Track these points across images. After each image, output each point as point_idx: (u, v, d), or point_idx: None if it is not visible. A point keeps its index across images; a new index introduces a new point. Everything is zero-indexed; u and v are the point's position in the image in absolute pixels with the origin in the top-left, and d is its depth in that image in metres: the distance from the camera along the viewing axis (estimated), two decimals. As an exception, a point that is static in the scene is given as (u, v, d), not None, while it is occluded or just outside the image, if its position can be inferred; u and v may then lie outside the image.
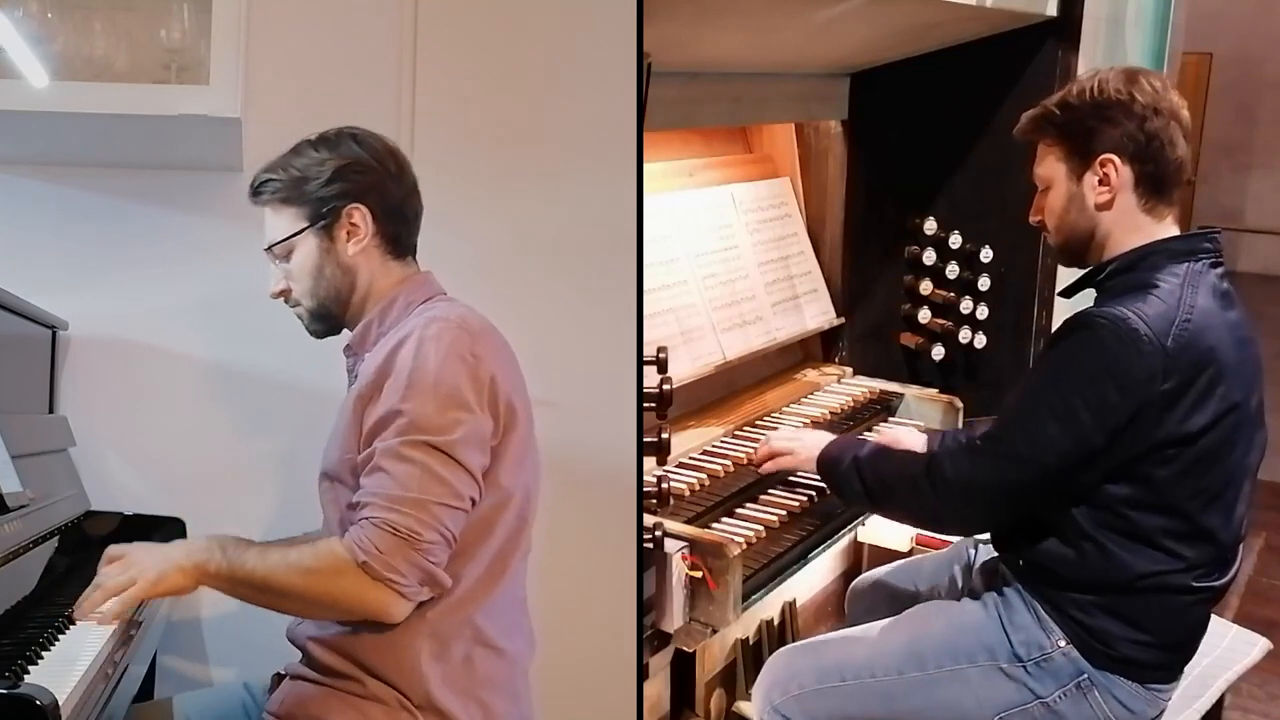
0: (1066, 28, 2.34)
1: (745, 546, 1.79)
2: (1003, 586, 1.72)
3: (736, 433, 2.21)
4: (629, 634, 1.62)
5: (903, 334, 2.61)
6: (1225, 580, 1.64)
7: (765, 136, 2.68)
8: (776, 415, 2.33)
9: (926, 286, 2.54)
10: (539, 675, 1.58)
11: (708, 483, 1.97)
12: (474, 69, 2.07)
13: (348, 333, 1.60)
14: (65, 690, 1.19)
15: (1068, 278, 1.75)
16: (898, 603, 1.94)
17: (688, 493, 1.92)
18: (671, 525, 1.68)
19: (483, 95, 2.07)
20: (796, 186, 2.65)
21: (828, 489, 1.90)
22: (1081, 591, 1.61)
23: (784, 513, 1.92)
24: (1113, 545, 1.57)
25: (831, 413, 2.37)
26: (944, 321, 2.55)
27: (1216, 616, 1.81)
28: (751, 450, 2.06)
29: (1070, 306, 1.72)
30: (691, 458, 2.05)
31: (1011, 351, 2.53)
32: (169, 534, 1.89)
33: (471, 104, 2.07)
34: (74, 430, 1.95)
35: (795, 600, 2.46)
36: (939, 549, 2.13)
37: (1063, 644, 1.63)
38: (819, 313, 2.62)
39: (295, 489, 1.81)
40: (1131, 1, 2.77)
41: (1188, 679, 1.78)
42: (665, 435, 1.60)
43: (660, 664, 1.87)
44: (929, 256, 2.53)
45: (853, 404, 2.45)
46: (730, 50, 2.08)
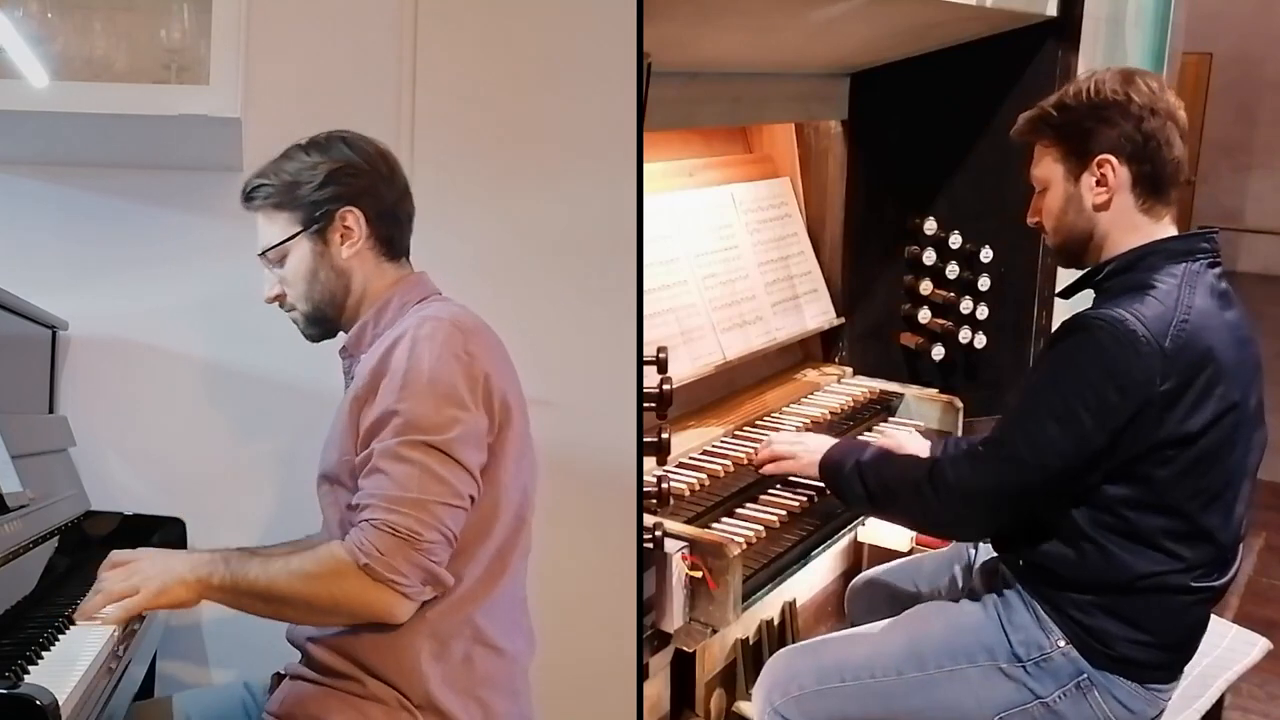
0: (1066, 28, 2.34)
1: (745, 546, 1.79)
2: (1002, 587, 1.72)
3: (736, 433, 2.20)
4: (629, 634, 1.62)
5: (903, 334, 2.61)
6: (1225, 580, 1.64)
7: (765, 136, 2.67)
8: (776, 415, 2.32)
9: (926, 286, 2.54)
10: (539, 675, 1.58)
11: (708, 483, 1.97)
12: (474, 69, 2.07)
13: (344, 335, 1.60)
14: (65, 690, 1.19)
15: (1068, 278, 1.75)
16: (898, 602, 1.94)
17: (688, 493, 1.92)
18: (671, 525, 1.68)
19: (483, 95, 2.07)
20: (796, 186, 2.65)
21: (830, 493, 1.90)
22: (1081, 592, 1.61)
23: (784, 513, 1.92)
24: (1112, 546, 1.57)
25: (831, 413, 2.37)
26: (944, 321, 2.55)
27: (1216, 616, 1.81)
28: (751, 450, 2.06)
29: (1069, 307, 1.72)
30: (691, 458, 2.05)
31: (1011, 351, 2.53)
32: (169, 534, 1.89)
33: (471, 104, 2.07)
34: (74, 430, 1.95)
35: (795, 600, 2.46)
36: (938, 549, 2.13)
37: (1062, 644, 1.63)
38: (819, 313, 2.62)
39: (295, 489, 1.81)
40: (1131, 1, 2.77)
41: (1188, 679, 1.78)
42: (665, 435, 1.61)
43: (660, 664, 1.87)
44: (929, 256, 2.53)
45: (853, 404, 2.45)
46: (730, 50, 2.08)
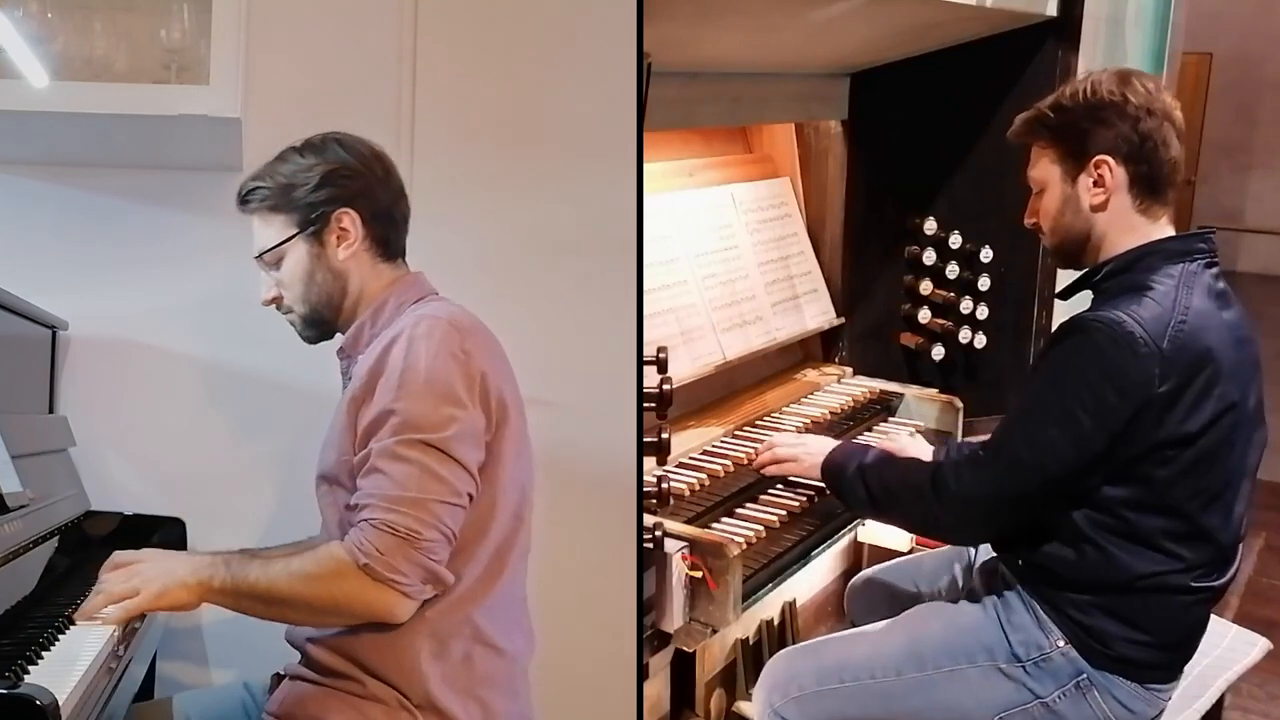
0: (1066, 28, 2.34)
1: (745, 546, 1.78)
2: (1002, 587, 1.72)
3: (736, 433, 2.20)
4: (629, 634, 1.62)
5: (903, 334, 2.61)
6: (1225, 580, 1.64)
7: (765, 136, 2.67)
8: (776, 415, 2.32)
9: (926, 286, 2.54)
10: (539, 675, 1.58)
11: (708, 483, 1.96)
12: (474, 69, 2.07)
13: (341, 336, 1.60)
14: (65, 690, 1.19)
15: (1068, 278, 1.75)
16: (898, 601, 1.94)
17: (688, 493, 1.92)
18: (671, 525, 1.68)
19: (483, 95, 2.07)
20: (796, 186, 2.65)
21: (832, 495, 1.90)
22: (1080, 592, 1.61)
23: (784, 513, 1.92)
24: (1112, 547, 1.57)
25: (831, 413, 2.37)
26: (944, 321, 2.55)
27: (1216, 616, 1.81)
28: (751, 450, 2.06)
29: (1069, 307, 1.72)
30: (691, 458, 2.05)
31: (1011, 351, 2.52)
32: (169, 534, 1.89)
33: (471, 104, 2.07)
34: (74, 430, 1.95)
35: (795, 600, 2.46)
36: (938, 548, 2.13)
37: (1061, 644, 1.63)
38: (819, 313, 2.62)
39: (295, 489, 1.81)
40: (1131, 1, 2.77)
41: (1188, 679, 1.78)
42: (665, 435, 1.61)
43: (660, 664, 1.87)
44: (929, 256, 2.52)
45: (853, 404, 2.45)
46: (730, 50, 2.08)
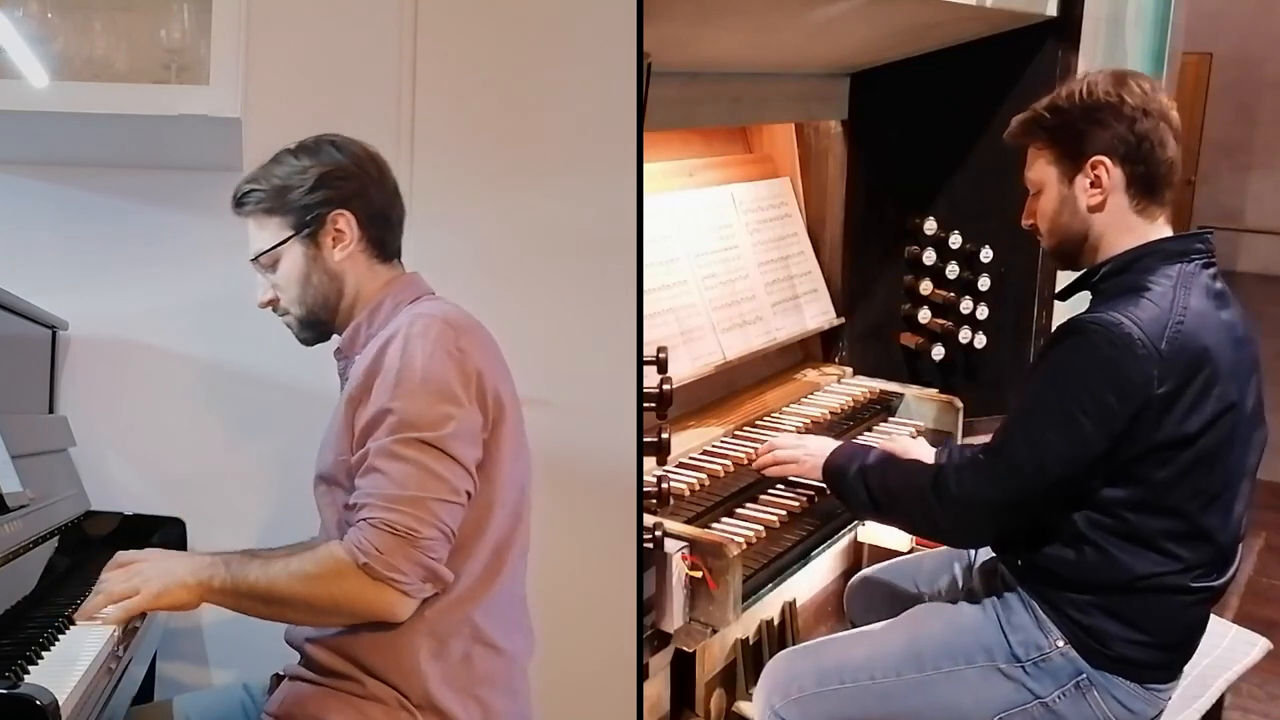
0: (1066, 28, 2.34)
1: (745, 546, 1.78)
2: (1001, 587, 1.72)
3: (736, 433, 2.20)
4: (629, 634, 1.62)
5: (903, 334, 2.61)
6: (1224, 580, 1.64)
7: (765, 136, 2.67)
8: (776, 415, 2.32)
9: (926, 286, 2.54)
10: (539, 675, 1.58)
11: (708, 483, 1.96)
12: (474, 69, 2.07)
13: (338, 338, 1.60)
14: (65, 690, 1.19)
15: (1068, 278, 1.75)
16: (898, 601, 1.94)
17: (688, 493, 1.91)
18: (671, 525, 1.68)
19: (483, 95, 2.07)
20: (796, 186, 2.65)
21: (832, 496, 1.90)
22: (1080, 592, 1.61)
23: (784, 513, 1.92)
24: (1112, 547, 1.57)
25: (831, 413, 2.37)
26: (944, 321, 2.55)
27: (1216, 616, 1.81)
28: (752, 450, 2.06)
29: (1068, 308, 1.72)
30: (691, 458, 2.05)
31: (1011, 351, 2.52)
32: (169, 534, 1.89)
33: (471, 104, 2.07)
34: (74, 430, 1.95)
35: (795, 600, 2.46)
36: (938, 548, 2.13)
37: (1061, 644, 1.63)
38: (819, 313, 2.62)
39: (295, 489, 1.80)
40: (1131, 1, 2.77)
41: (1188, 679, 1.78)
42: (665, 435, 1.61)
43: (660, 664, 1.86)
44: (929, 256, 2.52)
45: (853, 404, 2.45)
46: (730, 50, 2.08)
